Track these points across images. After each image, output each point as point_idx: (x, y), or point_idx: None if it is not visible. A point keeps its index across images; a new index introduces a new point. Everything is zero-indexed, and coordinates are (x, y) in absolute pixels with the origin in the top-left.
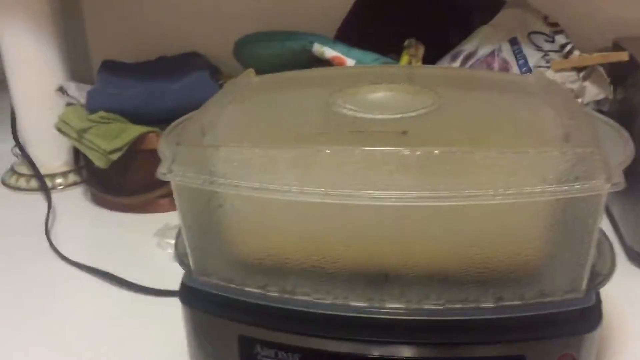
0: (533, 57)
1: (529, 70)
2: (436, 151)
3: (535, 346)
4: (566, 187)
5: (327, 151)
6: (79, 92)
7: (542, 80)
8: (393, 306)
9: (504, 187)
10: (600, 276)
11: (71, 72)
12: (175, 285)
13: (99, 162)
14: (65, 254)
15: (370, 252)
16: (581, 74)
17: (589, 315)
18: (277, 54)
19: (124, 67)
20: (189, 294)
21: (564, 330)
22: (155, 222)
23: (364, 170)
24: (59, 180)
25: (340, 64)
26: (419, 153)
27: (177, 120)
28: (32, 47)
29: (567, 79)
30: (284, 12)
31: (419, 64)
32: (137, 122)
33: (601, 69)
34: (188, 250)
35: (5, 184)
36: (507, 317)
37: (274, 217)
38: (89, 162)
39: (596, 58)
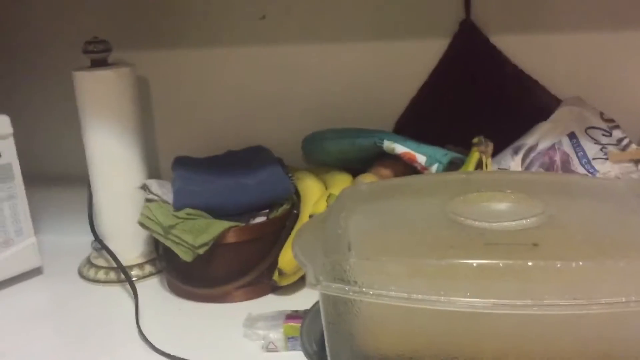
0: (591, 150)
1: (588, 162)
2: (573, 264)
3: None
4: None
5: (474, 264)
6: (160, 190)
7: (634, 186)
8: None
9: (636, 294)
10: None
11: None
12: None
13: (186, 256)
14: (157, 345)
15: (504, 354)
16: (639, 166)
17: None
18: (347, 150)
19: (196, 162)
20: None
21: None
22: (234, 312)
23: (504, 282)
24: (135, 272)
25: (411, 159)
26: (558, 265)
27: (302, 228)
28: (117, 147)
29: (626, 170)
30: (343, 108)
31: (489, 159)
32: (218, 216)
33: None
34: (328, 350)
35: (82, 277)
36: None
37: (415, 323)
38: (169, 254)
39: None
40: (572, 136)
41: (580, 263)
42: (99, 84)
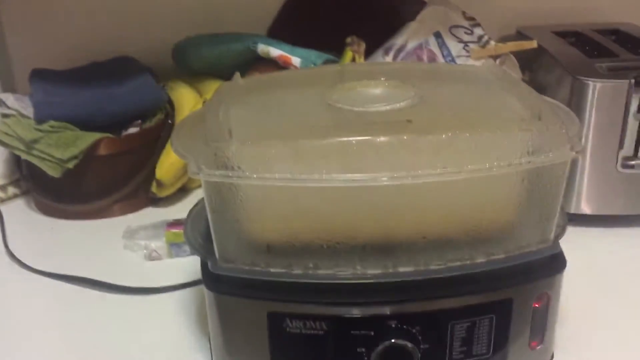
0: (455, 48)
1: (453, 60)
2: (443, 136)
3: (520, 290)
4: (542, 157)
5: (353, 142)
6: (18, 104)
7: (494, 70)
8: (404, 270)
9: (497, 161)
10: (559, 227)
11: None
12: (156, 283)
13: (53, 172)
14: (32, 265)
15: (384, 226)
16: (497, 61)
17: (557, 260)
18: (222, 55)
19: (58, 74)
20: (215, 280)
21: (540, 274)
22: (112, 227)
23: (382, 156)
24: None
25: (286, 61)
26: (430, 138)
27: (179, 125)
28: None
29: None
30: (213, 14)
31: (362, 59)
32: (86, 128)
33: (512, 56)
34: (214, 240)
35: None
36: (496, 269)
37: (299, 205)
38: (35, 172)
39: (510, 47)
40: (437, 35)
41: (450, 134)
42: None
